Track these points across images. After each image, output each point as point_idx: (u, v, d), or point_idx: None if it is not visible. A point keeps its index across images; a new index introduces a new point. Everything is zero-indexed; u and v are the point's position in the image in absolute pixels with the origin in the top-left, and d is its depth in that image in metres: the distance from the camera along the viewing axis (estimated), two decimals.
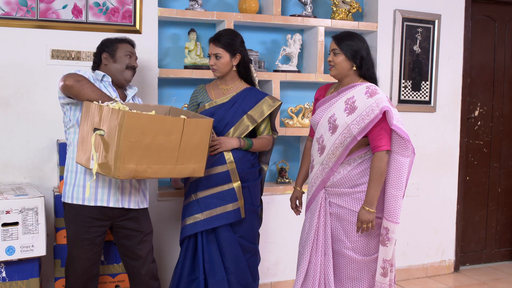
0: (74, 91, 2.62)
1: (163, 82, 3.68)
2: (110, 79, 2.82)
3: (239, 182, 3.00)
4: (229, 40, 3.01)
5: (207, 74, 3.58)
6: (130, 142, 2.38)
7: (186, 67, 3.65)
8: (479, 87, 4.63)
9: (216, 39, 3.03)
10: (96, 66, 2.89)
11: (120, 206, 2.74)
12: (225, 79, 3.10)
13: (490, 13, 4.61)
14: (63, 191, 2.77)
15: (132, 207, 2.79)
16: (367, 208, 2.68)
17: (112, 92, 2.78)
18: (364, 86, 2.74)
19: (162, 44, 3.70)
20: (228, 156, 2.99)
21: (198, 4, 3.61)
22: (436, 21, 4.25)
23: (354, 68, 2.78)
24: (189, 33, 3.67)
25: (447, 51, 4.34)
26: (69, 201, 2.73)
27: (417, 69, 4.24)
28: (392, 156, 2.72)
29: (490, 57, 4.66)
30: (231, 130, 3.02)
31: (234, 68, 3.07)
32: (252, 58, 3.77)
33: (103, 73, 2.81)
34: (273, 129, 3.18)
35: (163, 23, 3.68)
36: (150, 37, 3.47)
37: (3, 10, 3.17)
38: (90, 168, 2.52)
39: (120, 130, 2.34)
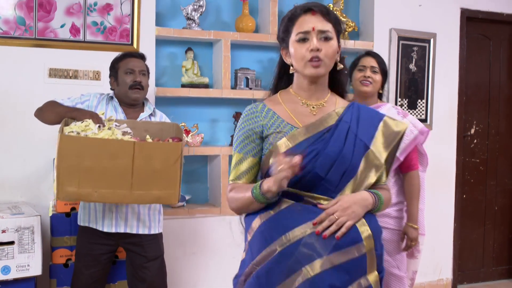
0: (40, 120, 2.73)
1: (160, 101, 3.68)
2: (116, 100, 2.83)
3: (376, 272, 1.71)
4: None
5: (204, 93, 3.59)
6: (66, 165, 2.38)
7: (183, 85, 3.66)
8: (475, 105, 4.65)
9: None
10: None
11: (114, 231, 2.73)
12: (314, 89, 1.82)
13: (485, 32, 4.65)
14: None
15: (129, 231, 2.76)
16: (415, 226, 2.78)
17: (115, 113, 2.79)
18: (390, 106, 2.86)
19: (159, 62, 3.71)
20: (364, 228, 1.69)
21: (195, 23, 3.63)
22: (432, 40, 4.28)
23: (380, 91, 2.89)
24: (186, 52, 3.68)
25: (443, 69, 4.37)
26: (79, 223, 2.81)
27: (413, 87, 4.26)
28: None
29: (486, 75, 4.69)
30: (352, 182, 1.74)
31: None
32: (249, 77, 3.78)
33: (111, 95, 2.84)
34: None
35: (160, 42, 3.69)
36: (147, 56, 3.47)
37: (1, 29, 3.18)
38: None
39: (57, 154, 2.37)
